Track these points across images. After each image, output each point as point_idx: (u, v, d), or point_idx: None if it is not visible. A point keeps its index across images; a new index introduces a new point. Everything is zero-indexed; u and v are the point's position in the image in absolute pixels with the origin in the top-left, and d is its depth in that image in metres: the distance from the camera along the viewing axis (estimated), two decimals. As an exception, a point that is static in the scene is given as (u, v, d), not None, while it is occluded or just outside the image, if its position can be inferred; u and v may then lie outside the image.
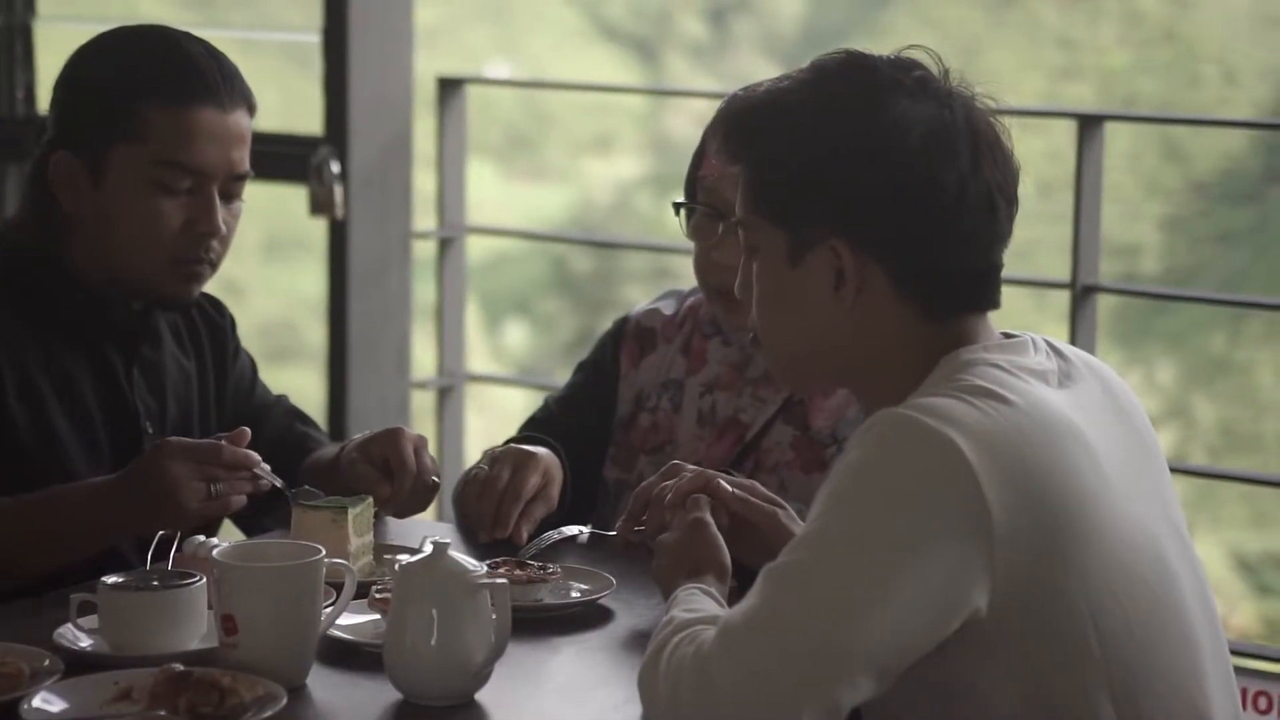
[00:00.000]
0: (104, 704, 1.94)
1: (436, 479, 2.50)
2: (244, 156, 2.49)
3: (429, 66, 4.97)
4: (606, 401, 2.71)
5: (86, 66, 2.50)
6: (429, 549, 2.01)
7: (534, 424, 2.74)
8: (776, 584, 1.77)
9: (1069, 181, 3.55)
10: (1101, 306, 3.72)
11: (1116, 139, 6.60)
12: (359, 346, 4.24)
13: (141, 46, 2.49)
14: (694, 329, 2.69)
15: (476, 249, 4.65)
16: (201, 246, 2.47)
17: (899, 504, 1.74)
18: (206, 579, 2.10)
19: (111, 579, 2.10)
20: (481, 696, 2.00)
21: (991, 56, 7.87)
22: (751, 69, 8.76)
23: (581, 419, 2.70)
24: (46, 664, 2.01)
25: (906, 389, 1.85)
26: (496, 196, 8.52)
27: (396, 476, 2.48)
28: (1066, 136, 3.68)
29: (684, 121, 8.94)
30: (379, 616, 2.17)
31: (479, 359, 4.64)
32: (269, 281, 7.37)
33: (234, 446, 2.31)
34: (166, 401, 2.58)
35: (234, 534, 2.69)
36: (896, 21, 8.69)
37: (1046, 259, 6.56)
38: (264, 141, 2.56)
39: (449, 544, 2.01)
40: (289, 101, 5.71)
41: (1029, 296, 6.46)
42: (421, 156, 4.55)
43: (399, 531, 2.57)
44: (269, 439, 2.68)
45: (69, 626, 2.11)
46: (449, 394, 4.45)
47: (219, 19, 5.39)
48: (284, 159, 4.13)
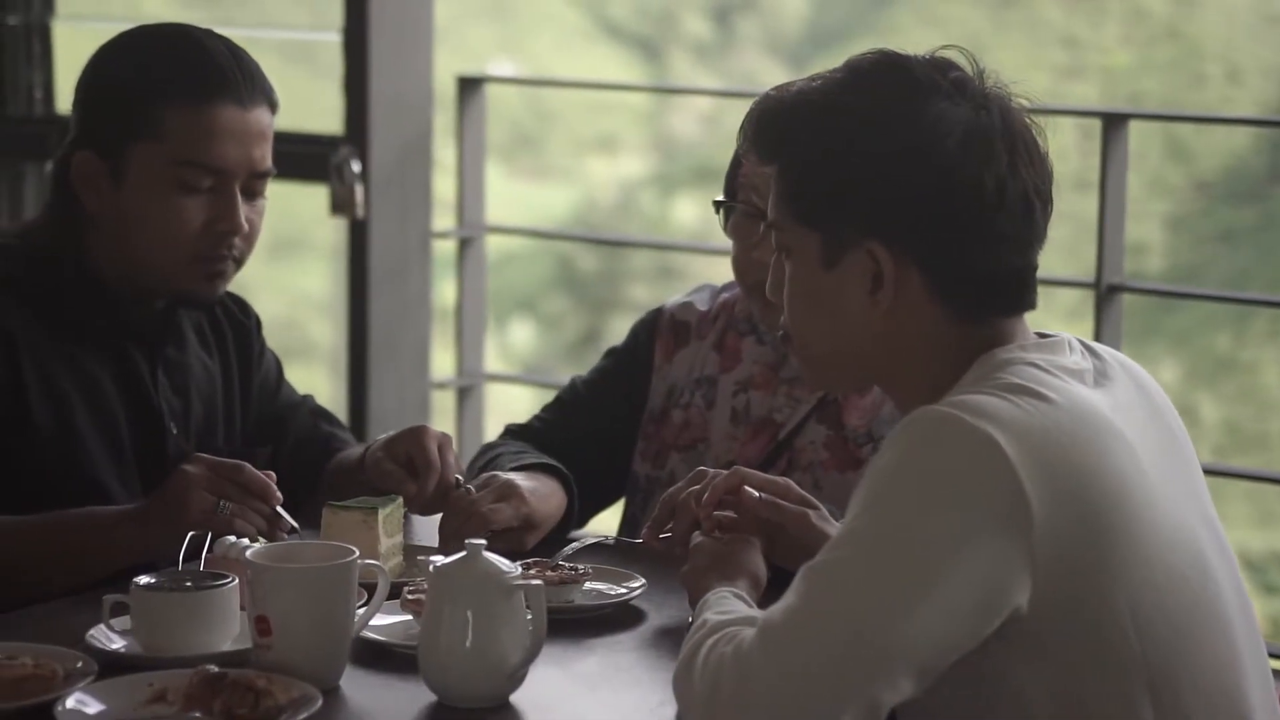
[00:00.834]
0: (138, 705, 1.93)
1: (460, 478, 2.50)
2: (266, 154, 2.49)
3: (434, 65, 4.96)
4: (637, 392, 2.70)
5: (107, 66, 2.50)
6: (464, 550, 2.01)
7: (560, 405, 2.73)
8: (816, 583, 1.76)
9: (1075, 180, 3.55)
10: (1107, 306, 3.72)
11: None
12: (379, 347, 4.24)
13: (161, 45, 2.49)
14: (728, 326, 2.68)
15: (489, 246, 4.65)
16: (224, 244, 2.47)
17: (939, 501, 1.73)
18: (239, 580, 2.10)
19: (144, 580, 2.09)
20: (516, 698, 2.00)
21: (995, 56, 7.85)
22: (756, 68, 8.76)
23: (610, 406, 2.70)
24: (80, 665, 2.00)
25: (942, 388, 1.85)
26: (501, 196, 8.51)
27: (421, 475, 2.48)
28: (1071, 136, 3.68)
29: (688, 121, 8.95)
30: (410, 617, 2.17)
31: (488, 358, 4.63)
32: (273, 281, 7.37)
33: (255, 472, 2.29)
34: (191, 402, 2.58)
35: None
36: (900, 21, 8.69)
37: (1052, 257, 6.55)
38: (283, 141, 2.56)
39: (484, 545, 2.01)
40: (291, 100, 5.71)
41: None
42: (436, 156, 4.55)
43: (428, 532, 2.56)
44: (294, 439, 2.68)
45: (101, 628, 2.11)
46: (469, 394, 4.44)
47: (229, 18, 5.38)
48: (303, 158, 4.13)
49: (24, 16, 4.65)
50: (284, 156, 2.56)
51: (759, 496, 2.19)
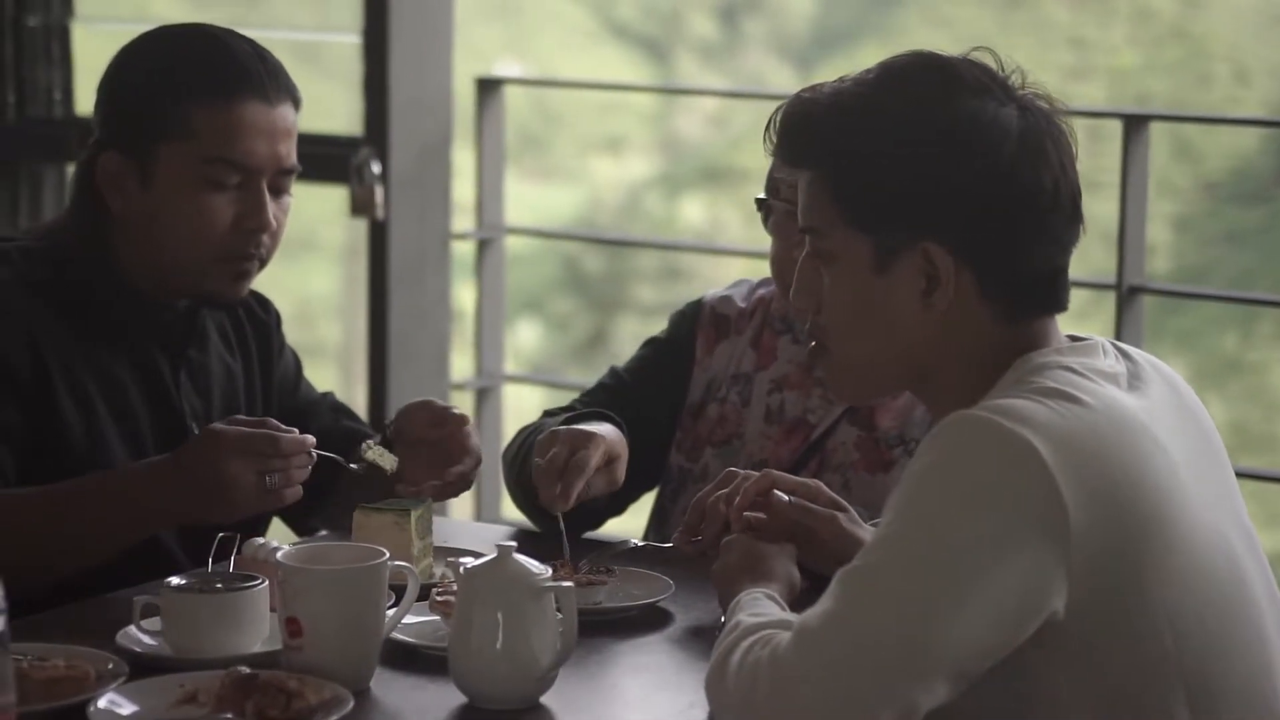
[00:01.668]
0: (170, 706, 1.94)
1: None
2: (291, 150, 2.49)
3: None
4: (678, 383, 2.69)
5: (131, 67, 2.50)
6: (494, 552, 2.01)
7: (603, 389, 2.71)
8: (853, 586, 1.76)
9: (1084, 181, 3.54)
10: (1111, 306, 3.72)
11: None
12: (398, 348, 4.24)
13: (185, 45, 2.49)
14: (764, 323, 2.68)
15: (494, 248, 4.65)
16: (252, 243, 2.46)
17: (976, 506, 1.73)
18: (268, 581, 2.10)
19: (174, 581, 2.10)
20: (547, 700, 2.01)
21: (1002, 57, 7.86)
22: (762, 69, 8.76)
23: (651, 395, 2.69)
24: (111, 667, 2.01)
25: (977, 392, 1.85)
26: (508, 196, 8.50)
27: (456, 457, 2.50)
28: (1078, 137, 3.67)
29: (694, 121, 8.94)
30: (439, 619, 2.17)
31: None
32: (282, 280, 7.36)
33: (289, 433, 2.27)
34: (213, 402, 2.58)
35: (283, 534, 2.69)
36: (907, 21, 8.69)
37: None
38: (303, 142, 2.56)
39: (514, 546, 2.01)
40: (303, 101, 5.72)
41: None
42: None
43: (451, 533, 2.56)
44: (316, 435, 2.68)
45: (131, 629, 2.11)
46: (487, 395, 4.45)
47: (242, 19, 5.38)
48: (321, 159, 4.12)
49: (43, 18, 4.65)
50: (302, 158, 2.56)
51: (789, 500, 2.19)
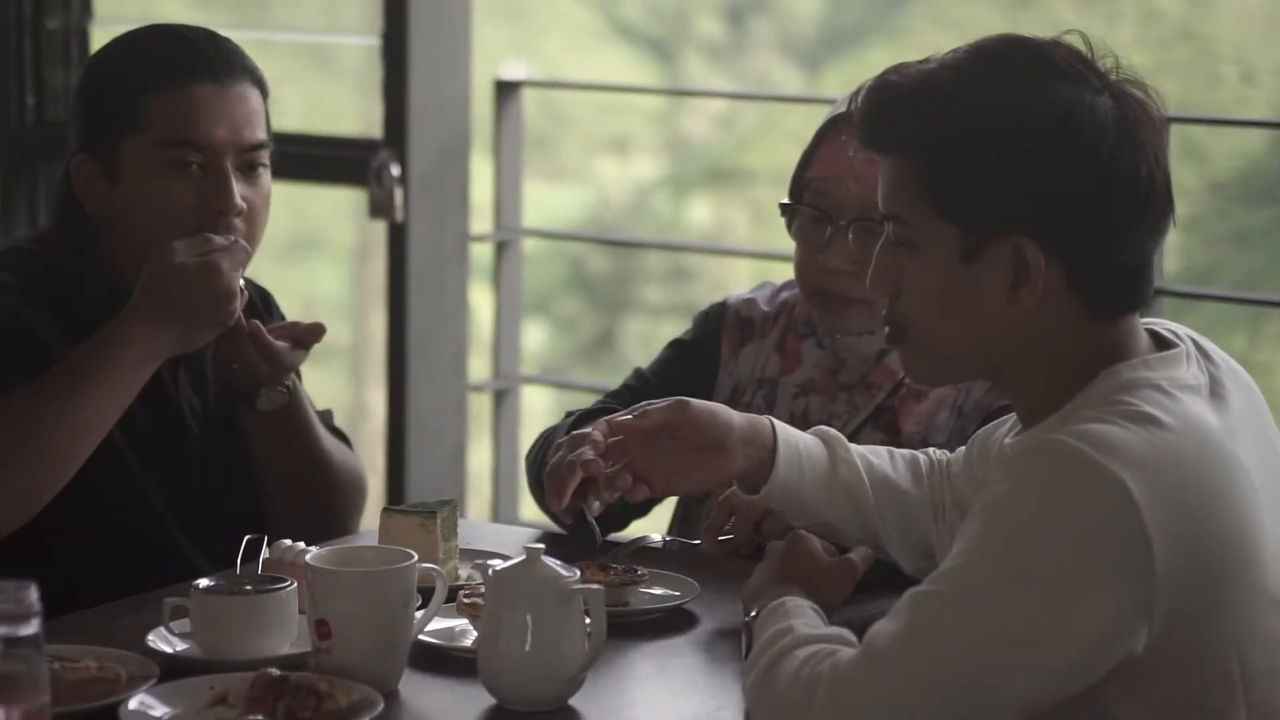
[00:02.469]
0: (201, 708, 1.94)
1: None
2: (254, 128, 2.49)
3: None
4: (704, 385, 2.67)
5: (93, 70, 2.55)
6: (522, 554, 2.02)
7: (628, 390, 2.68)
8: (924, 612, 1.72)
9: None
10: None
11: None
12: (416, 349, 4.24)
13: (140, 42, 2.53)
14: (788, 327, 2.67)
15: (488, 250, 4.64)
16: (221, 225, 2.45)
17: (1061, 546, 1.69)
18: (297, 583, 2.11)
19: (203, 583, 2.10)
20: (575, 702, 2.01)
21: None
22: (769, 69, 8.76)
23: (677, 395, 2.68)
24: (141, 668, 2.01)
25: (1058, 392, 1.81)
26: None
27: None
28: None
29: (701, 122, 8.94)
30: (465, 621, 2.18)
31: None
32: (288, 282, 7.36)
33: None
34: (210, 399, 2.59)
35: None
36: (914, 22, 8.68)
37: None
38: (323, 145, 2.57)
39: (543, 549, 2.02)
40: (310, 102, 5.72)
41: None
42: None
43: (471, 534, 2.57)
44: None
45: (161, 630, 2.12)
46: (505, 397, 4.45)
47: (254, 21, 5.38)
48: (341, 162, 4.14)
49: (62, 20, 4.66)
50: (323, 161, 2.56)
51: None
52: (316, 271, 7.84)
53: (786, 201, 2.57)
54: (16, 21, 4.63)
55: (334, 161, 4.16)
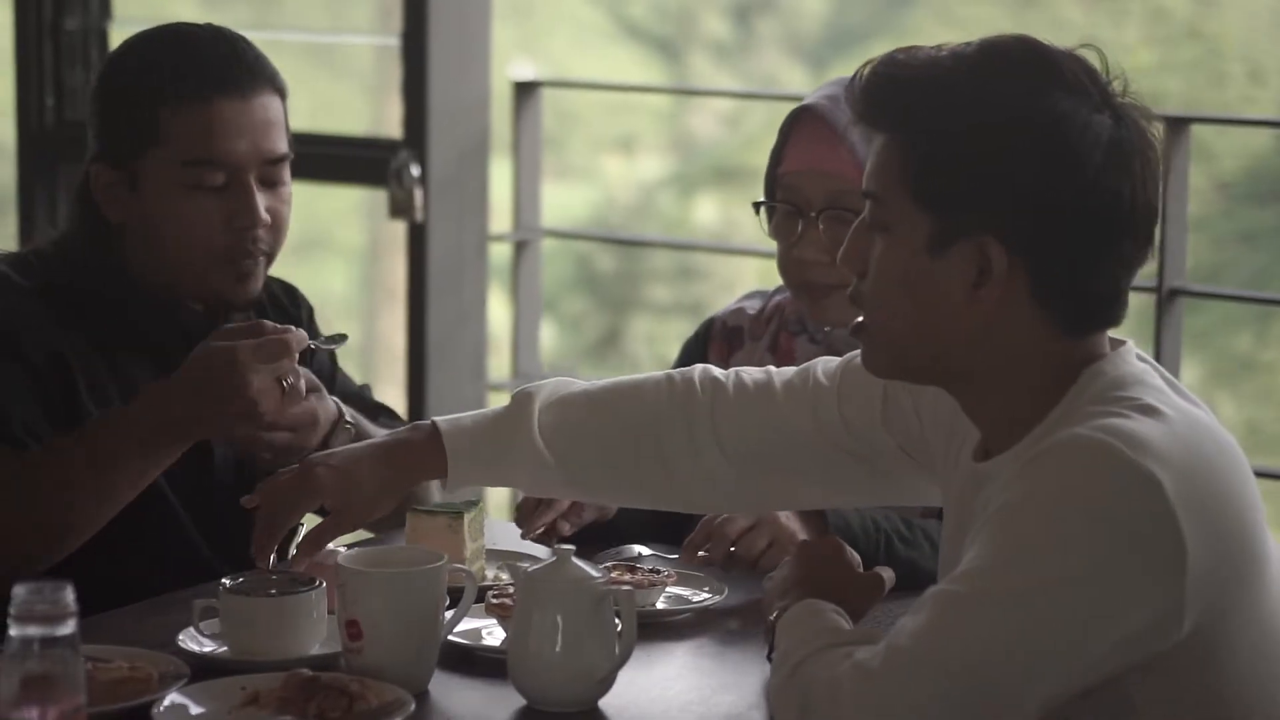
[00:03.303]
0: (233, 709, 1.95)
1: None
2: (277, 140, 2.45)
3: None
4: None
5: (110, 75, 2.49)
6: (552, 555, 2.02)
7: None
8: (950, 610, 1.70)
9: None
10: (1143, 308, 3.72)
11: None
12: (436, 349, 4.24)
13: (156, 48, 2.47)
14: (780, 326, 2.69)
15: (502, 250, 4.63)
16: (247, 240, 2.43)
17: (1099, 544, 1.67)
18: (326, 583, 2.11)
19: (232, 583, 2.11)
20: (604, 703, 2.01)
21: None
22: (776, 68, 8.76)
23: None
24: (172, 668, 2.02)
25: (1041, 397, 1.80)
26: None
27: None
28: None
29: (707, 121, 8.94)
30: (493, 621, 2.18)
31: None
32: (297, 281, 7.34)
33: (288, 330, 2.27)
34: None
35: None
36: (920, 22, 8.69)
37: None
38: (342, 145, 2.56)
39: (573, 550, 2.02)
40: (315, 102, 5.72)
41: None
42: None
43: (494, 535, 2.57)
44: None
45: (191, 630, 2.12)
46: (524, 398, 4.45)
47: (265, 21, 5.38)
48: (360, 163, 4.15)
49: (81, 21, 4.66)
50: (342, 161, 2.55)
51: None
52: (326, 271, 7.84)
53: (760, 200, 2.59)
54: (36, 22, 4.63)
55: (352, 161, 4.17)
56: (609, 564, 2.29)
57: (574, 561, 2.01)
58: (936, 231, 1.79)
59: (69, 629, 1.63)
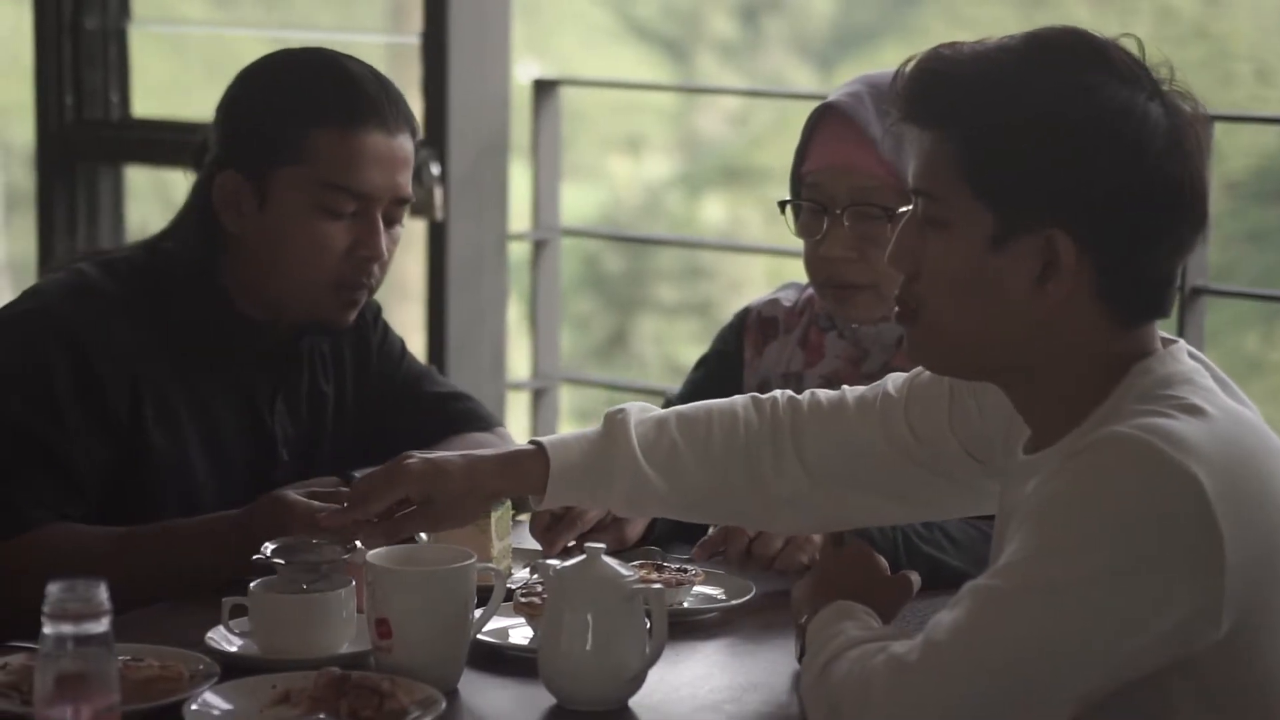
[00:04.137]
0: (264, 707, 1.95)
1: None
2: (407, 181, 2.48)
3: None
4: (732, 390, 2.68)
5: (254, 88, 2.49)
6: (583, 554, 2.02)
7: None
8: (987, 606, 1.70)
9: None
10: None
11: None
12: (456, 348, 4.24)
13: (309, 69, 2.48)
14: (811, 321, 2.69)
15: (515, 249, 4.63)
16: (364, 272, 2.45)
17: (1137, 542, 1.67)
18: (355, 582, 2.11)
19: (262, 581, 2.10)
20: (635, 702, 2.01)
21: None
22: (783, 68, 8.76)
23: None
24: (203, 667, 2.02)
25: (1091, 393, 1.79)
26: (528, 196, 8.50)
27: None
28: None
29: (715, 120, 8.94)
30: (521, 620, 2.18)
31: (523, 359, 4.64)
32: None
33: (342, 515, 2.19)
34: (305, 428, 2.58)
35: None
36: (928, 22, 8.69)
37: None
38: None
39: (603, 548, 2.02)
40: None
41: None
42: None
43: (521, 535, 2.57)
44: (407, 420, 2.67)
45: (220, 629, 2.12)
46: (544, 395, 4.45)
47: (282, 22, 5.38)
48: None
49: (100, 21, 4.66)
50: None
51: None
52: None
53: (786, 199, 2.60)
54: (55, 22, 4.63)
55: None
56: (636, 563, 2.29)
57: (604, 560, 2.01)
58: (1000, 226, 1.78)
59: (102, 627, 1.64)
